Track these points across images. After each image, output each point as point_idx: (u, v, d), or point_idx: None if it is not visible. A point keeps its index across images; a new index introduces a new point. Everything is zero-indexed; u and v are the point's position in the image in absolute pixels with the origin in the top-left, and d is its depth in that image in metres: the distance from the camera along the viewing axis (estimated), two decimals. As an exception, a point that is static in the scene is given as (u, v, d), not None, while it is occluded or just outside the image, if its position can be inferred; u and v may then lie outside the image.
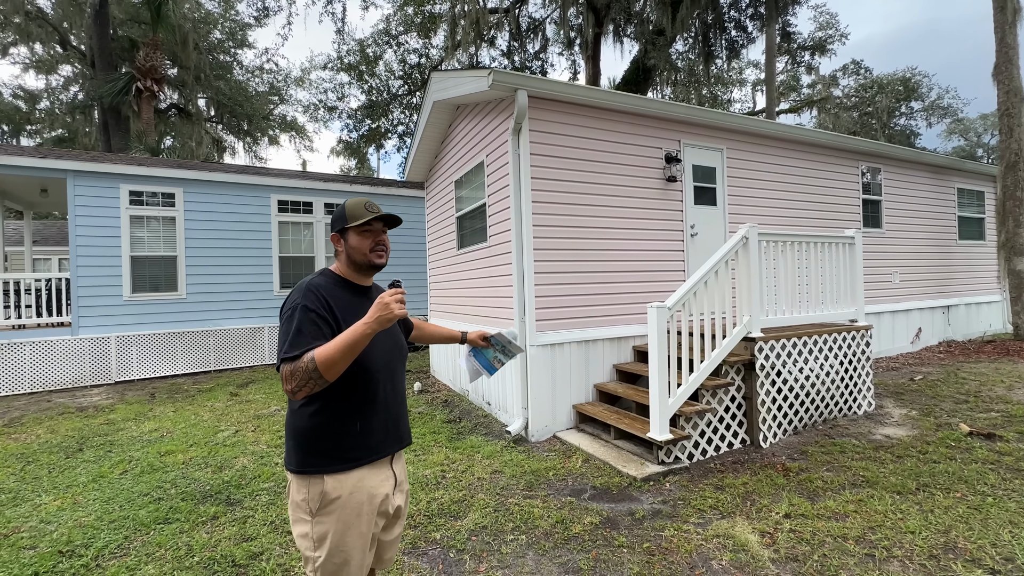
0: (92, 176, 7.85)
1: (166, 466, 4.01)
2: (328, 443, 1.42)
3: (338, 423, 1.43)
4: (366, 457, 1.46)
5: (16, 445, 4.73)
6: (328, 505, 1.40)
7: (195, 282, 8.55)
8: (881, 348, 7.47)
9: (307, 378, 1.29)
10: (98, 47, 16.56)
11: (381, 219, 1.53)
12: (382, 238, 1.54)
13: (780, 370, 4.28)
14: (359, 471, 1.45)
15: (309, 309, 1.38)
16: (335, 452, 1.42)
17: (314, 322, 1.36)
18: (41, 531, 2.99)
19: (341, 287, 1.51)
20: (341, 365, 1.30)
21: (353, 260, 1.53)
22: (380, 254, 1.53)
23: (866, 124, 27.20)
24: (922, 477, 3.34)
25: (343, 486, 1.41)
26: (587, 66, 15.59)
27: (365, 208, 1.50)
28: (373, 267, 1.53)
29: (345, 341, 1.28)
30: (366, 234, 1.51)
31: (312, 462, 1.41)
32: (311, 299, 1.40)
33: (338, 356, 1.28)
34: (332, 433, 1.43)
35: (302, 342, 1.32)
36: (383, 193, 10.31)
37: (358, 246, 1.50)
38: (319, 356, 1.28)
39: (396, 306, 1.29)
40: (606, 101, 4.97)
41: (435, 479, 3.61)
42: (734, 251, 4.10)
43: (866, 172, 7.39)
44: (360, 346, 1.30)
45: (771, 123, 6.35)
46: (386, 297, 1.30)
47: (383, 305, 1.29)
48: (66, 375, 7.53)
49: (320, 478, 1.40)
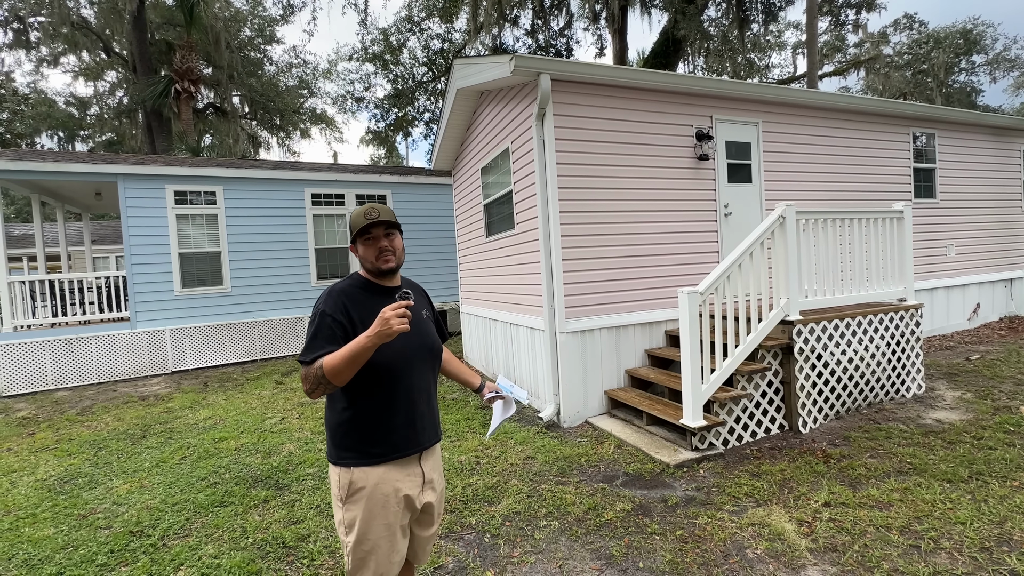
0: (139, 179, 8.28)
1: (220, 452, 4.29)
2: (356, 438, 1.51)
3: (364, 420, 1.51)
4: (391, 454, 1.53)
5: (88, 433, 5.16)
6: (355, 494, 1.49)
7: (238, 276, 8.96)
8: (934, 326, 7.06)
9: (317, 382, 1.39)
10: (138, 52, 17.27)
11: (378, 224, 1.55)
12: (384, 243, 1.56)
13: (820, 353, 4.12)
14: (384, 467, 1.52)
15: (327, 314, 1.47)
16: (361, 447, 1.51)
17: (330, 327, 1.45)
18: (114, 512, 3.27)
19: (365, 290, 1.58)
20: (347, 373, 1.38)
21: (365, 267, 1.60)
22: (387, 259, 1.57)
23: (920, 83, 25.24)
24: (976, 464, 3.18)
25: (368, 478, 1.49)
26: (614, 40, 15.09)
27: (364, 216, 1.54)
28: (382, 272, 1.58)
29: (348, 352, 1.35)
30: (369, 243, 1.56)
31: (343, 456, 1.52)
32: (331, 304, 1.49)
33: (343, 365, 1.36)
34: (359, 429, 1.51)
35: (316, 347, 1.43)
36: (411, 182, 10.42)
37: (365, 254, 1.57)
38: (327, 364, 1.37)
39: (396, 321, 1.32)
40: (632, 79, 4.82)
41: (469, 465, 3.71)
42: (770, 231, 3.95)
43: (918, 138, 6.90)
44: (363, 358, 1.37)
45: (811, 92, 6.00)
46: (387, 312, 1.33)
47: (383, 320, 1.32)
48: (128, 366, 8.10)
49: (349, 469, 1.50)
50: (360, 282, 1.60)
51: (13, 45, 19.51)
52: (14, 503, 3.51)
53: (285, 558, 2.64)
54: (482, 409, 5.08)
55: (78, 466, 4.19)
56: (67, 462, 4.30)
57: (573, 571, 2.41)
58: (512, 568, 2.46)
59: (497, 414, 1.86)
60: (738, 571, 2.32)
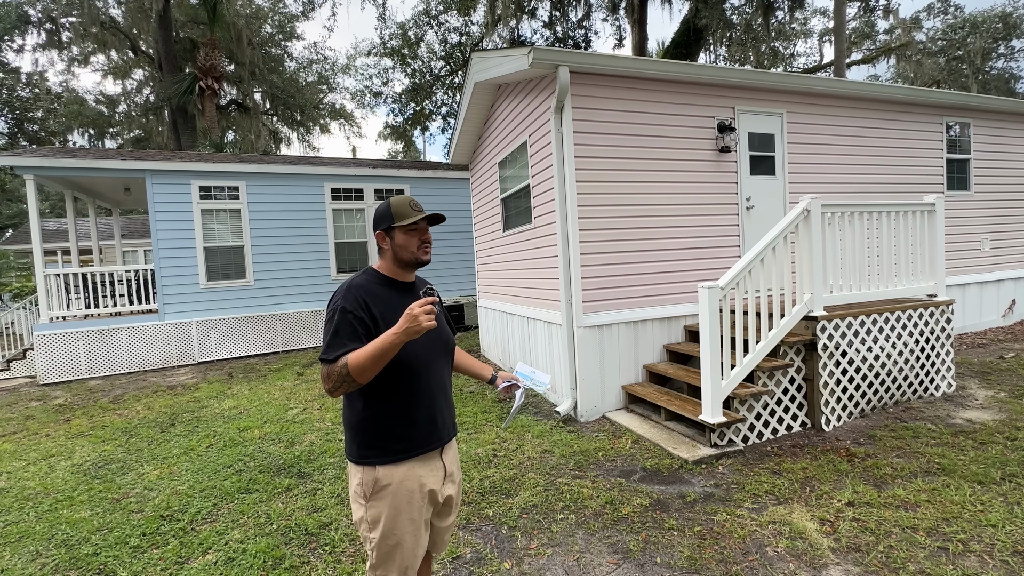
0: (166, 174, 8.51)
1: (245, 441, 4.41)
2: (378, 435, 1.49)
3: (386, 418, 1.49)
4: (414, 450, 1.52)
5: (120, 420, 5.36)
6: (380, 491, 1.48)
7: (261, 270, 9.15)
8: (965, 323, 6.82)
9: (341, 381, 1.37)
10: (163, 50, 17.67)
11: (426, 218, 1.56)
12: (427, 236, 1.58)
13: (845, 350, 4.03)
14: (408, 463, 1.51)
15: (347, 311, 1.43)
16: (384, 445, 1.49)
17: (351, 324, 1.42)
18: (145, 497, 3.40)
19: (384, 285, 1.55)
20: (372, 371, 1.36)
21: (400, 258, 1.55)
22: (427, 251, 1.57)
23: (955, 70, 24.22)
24: (1008, 466, 3.08)
25: (393, 475, 1.48)
26: (633, 31, 14.84)
27: (411, 207, 1.53)
28: (419, 264, 1.57)
29: (375, 349, 1.34)
30: (412, 233, 1.54)
31: (366, 454, 1.50)
32: (350, 300, 1.45)
33: (369, 363, 1.34)
34: (381, 427, 1.49)
35: (338, 345, 1.39)
36: (429, 176, 10.46)
37: (405, 244, 1.54)
38: (351, 362, 1.35)
39: (424, 318, 1.30)
40: (652, 71, 4.74)
41: (487, 457, 3.74)
42: (794, 225, 3.86)
43: (952, 127, 6.64)
44: (389, 355, 1.35)
45: (838, 80, 5.81)
46: (415, 308, 1.31)
47: (411, 317, 1.31)
48: (157, 356, 8.37)
49: (373, 468, 1.48)
50: (377, 277, 1.57)
51: (46, 45, 20.16)
52: (53, 486, 3.68)
53: (308, 544, 2.71)
54: (499, 403, 5.11)
55: (111, 452, 4.36)
56: (101, 448, 4.47)
57: (590, 564, 2.42)
58: (529, 560, 2.48)
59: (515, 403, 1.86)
60: (758, 569, 2.30)
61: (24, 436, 5.01)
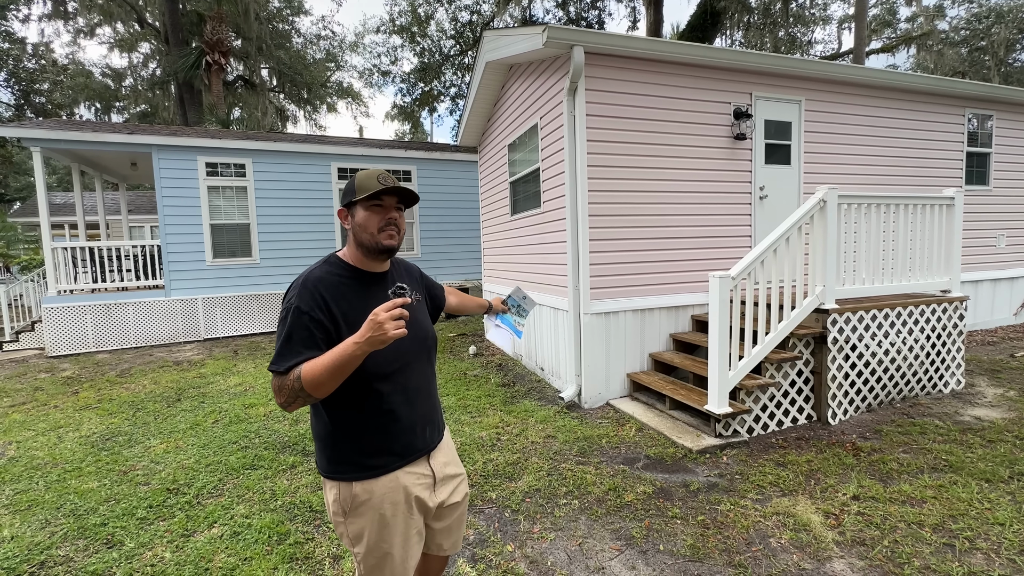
0: (173, 149, 8.45)
1: (250, 418, 4.44)
2: (351, 451, 1.31)
3: (357, 431, 1.30)
4: (395, 463, 1.34)
5: (128, 394, 5.41)
6: (359, 507, 1.30)
7: (267, 248, 9.14)
8: (976, 320, 6.74)
9: (295, 395, 1.16)
10: (170, 23, 17.43)
11: (394, 193, 1.31)
12: (393, 215, 1.32)
13: (855, 344, 3.98)
14: (389, 475, 1.33)
15: (302, 311, 1.21)
16: (358, 460, 1.31)
17: (306, 327, 1.20)
18: (152, 470, 3.44)
19: (348, 277, 1.32)
20: (330, 385, 1.15)
21: (359, 240, 1.32)
22: (391, 234, 1.31)
23: (977, 61, 23.59)
24: (1017, 464, 3.05)
25: (373, 490, 1.31)
26: (648, 12, 14.49)
27: (377, 180, 1.28)
28: (381, 250, 1.32)
29: (332, 361, 1.12)
30: (375, 209, 1.29)
31: (339, 469, 1.31)
32: (306, 298, 1.23)
33: (325, 376, 1.13)
34: (353, 441, 1.31)
35: (290, 353, 1.19)
36: (436, 158, 10.35)
37: (364, 223, 1.29)
38: (306, 374, 1.14)
39: (391, 326, 1.09)
40: (668, 53, 4.61)
41: (490, 441, 3.75)
42: (809, 215, 3.78)
43: (972, 120, 6.47)
44: (350, 367, 1.14)
45: (860, 68, 5.65)
46: (380, 314, 1.09)
47: (375, 324, 1.09)
48: (163, 332, 8.42)
49: (349, 484, 1.30)
50: (341, 267, 1.32)
51: (52, 15, 19.94)
52: (61, 456, 3.72)
53: (312, 521, 2.73)
54: (500, 368, 5.10)
55: (118, 425, 4.40)
56: (108, 420, 4.52)
57: (593, 550, 2.43)
58: (532, 543, 2.49)
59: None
60: (761, 559, 2.30)
61: (33, 407, 5.07)
